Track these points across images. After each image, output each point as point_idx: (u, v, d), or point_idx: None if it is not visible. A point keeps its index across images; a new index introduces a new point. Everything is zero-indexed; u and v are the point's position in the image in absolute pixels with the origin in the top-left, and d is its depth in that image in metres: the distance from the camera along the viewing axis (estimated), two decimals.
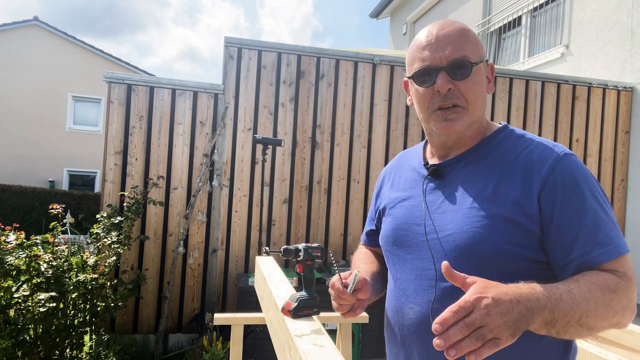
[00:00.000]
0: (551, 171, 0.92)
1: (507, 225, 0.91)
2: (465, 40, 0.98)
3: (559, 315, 0.78)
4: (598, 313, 0.82)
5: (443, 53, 0.97)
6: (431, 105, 1.00)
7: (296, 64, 4.12)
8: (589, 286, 0.83)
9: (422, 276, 1.00)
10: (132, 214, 3.49)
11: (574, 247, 0.89)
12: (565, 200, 0.90)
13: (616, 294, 0.84)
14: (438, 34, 0.99)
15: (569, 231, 0.89)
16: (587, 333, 0.84)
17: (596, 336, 1.91)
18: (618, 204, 4.85)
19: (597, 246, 0.88)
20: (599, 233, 0.89)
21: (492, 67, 1.06)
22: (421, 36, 1.02)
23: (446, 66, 0.96)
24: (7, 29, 14.26)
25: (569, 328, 0.81)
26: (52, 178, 14.39)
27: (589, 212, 0.90)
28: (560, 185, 0.91)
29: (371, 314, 2.31)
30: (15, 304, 2.84)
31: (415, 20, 9.96)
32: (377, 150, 4.28)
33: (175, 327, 3.88)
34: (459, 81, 0.97)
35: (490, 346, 0.71)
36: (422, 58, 0.99)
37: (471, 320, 0.70)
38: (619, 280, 0.86)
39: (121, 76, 3.85)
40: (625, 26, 5.05)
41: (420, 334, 0.98)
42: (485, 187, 0.96)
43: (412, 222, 1.05)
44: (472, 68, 0.97)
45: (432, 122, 1.01)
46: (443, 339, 0.70)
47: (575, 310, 0.79)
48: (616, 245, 0.88)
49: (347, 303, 1.02)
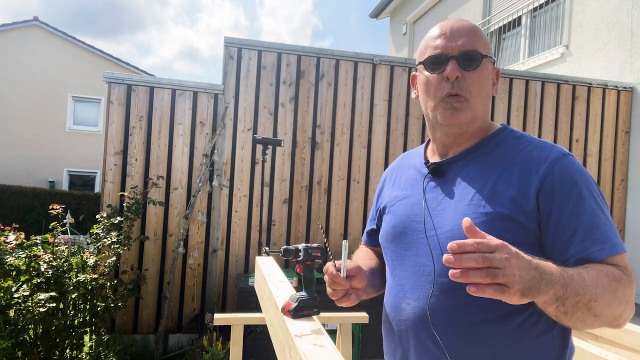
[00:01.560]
0: (550, 170, 0.93)
1: (505, 222, 0.92)
2: (477, 36, 1.02)
3: (570, 293, 0.79)
4: (605, 299, 0.83)
5: (455, 43, 1.00)
6: (439, 95, 1.01)
7: (296, 64, 4.13)
8: (596, 272, 0.85)
9: (420, 272, 1.01)
10: (132, 214, 3.49)
11: (572, 244, 0.90)
12: (563, 198, 0.92)
13: (621, 284, 0.86)
14: (452, 27, 1.02)
15: (567, 228, 0.90)
16: (592, 320, 0.85)
17: (596, 336, 1.91)
18: (618, 204, 4.85)
19: (595, 243, 0.89)
20: (597, 231, 0.90)
21: (497, 71, 1.09)
22: (435, 29, 1.05)
23: (457, 55, 0.99)
24: (7, 29, 14.26)
25: (576, 310, 0.82)
26: (52, 178, 14.39)
27: (587, 211, 0.91)
28: (559, 183, 0.92)
29: (371, 314, 2.31)
30: (15, 304, 2.84)
31: (415, 21, 9.96)
32: (377, 151, 4.28)
33: (175, 327, 3.88)
34: (468, 72, 0.99)
35: (495, 289, 0.71)
36: (435, 46, 1.02)
37: (490, 257, 0.71)
38: (621, 273, 0.88)
39: (121, 76, 3.85)
40: (625, 26, 5.05)
41: (417, 329, 0.99)
42: (484, 185, 0.97)
43: (411, 219, 1.06)
44: (482, 60, 1.00)
45: (439, 110, 1.02)
46: (455, 259, 0.71)
47: (585, 292, 0.81)
48: (613, 244, 0.90)
49: (340, 288, 1.03)
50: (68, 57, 14.76)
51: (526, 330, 0.93)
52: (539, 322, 0.93)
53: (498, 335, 0.92)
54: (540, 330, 0.93)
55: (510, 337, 0.92)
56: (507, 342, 0.92)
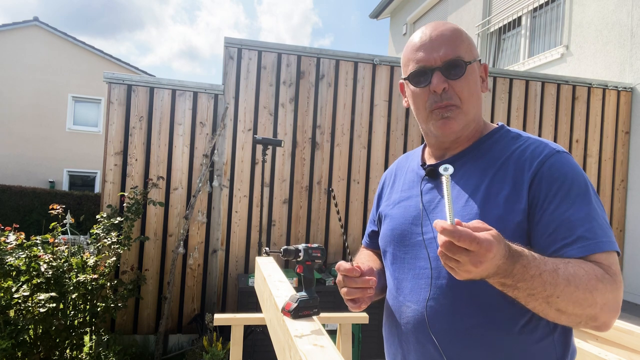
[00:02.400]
0: (541, 165, 0.93)
1: (500, 223, 0.91)
2: (458, 40, 1.00)
3: (522, 286, 0.79)
4: (574, 298, 0.81)
5: (438, 54, 0.98)
6: (428, 106, 1.01)
7: (296, 64, 4.13)
8: (576, 269, 0.82)
9: (420, 275, 1.01)
10: (132, 214, 3.49)
11: (555, 240, 0.89)
12: (550, 193, 0.91)
13: (602, 284, 0.83)
14: (431, 35, 1.00)
15: (551, 223, 0.89)
16: (554, 314, 0.83)
17: (596, 336, 1.91)
18: (618, 204, 4.85)
19: (578, 240, 0.87)
20: (581, 227, 0.88)
21: (485, 67, 1.07)
22: (415, 38, 1.03)
23: (441, 66, 0.98)
24: (7, 29, 14.27)
25: (532, 300, 0.81)
26: (52, 178, 14.39)
27: (573, 206, 0.89)
28: (547, 178, 0.92)
29: (371, 314, 2.31)
30: (15, 305, 2.84)
31: (415, 21, 9.97)
32: (377, 151, 4.28)
33: (175, 327, 3.88)
34: (454, 81, 0.98)
35: (450, 269, 0.76)
36: (417, 59, 1.00)
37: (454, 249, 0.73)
38: (604, 272, 0.85)
39: (121, 77, 3.85)
40: (625, 26, 5.05)
41: (417, 332, 0.99)
42: (479, 186, 0.97)
43: (409, 222, 1.06)
44: (466, 67, 0.99)
45: (431, 121, 1.02)
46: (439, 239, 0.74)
47: (546, 288, 0.80)
48: (598, 241, 0.87)
49: (356, 286, 1.00)
50: (68, 57, 14.77)
51: (526, 334, 0.92)
52: (539, 326, 0.92)
53: (498, 338, 0.92)
54: (541, 333, 0.92)
55: (510, 341, 0.91)
56: (507, 346, 0.92)
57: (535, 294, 0.80)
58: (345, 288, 1.01)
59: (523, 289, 0.80)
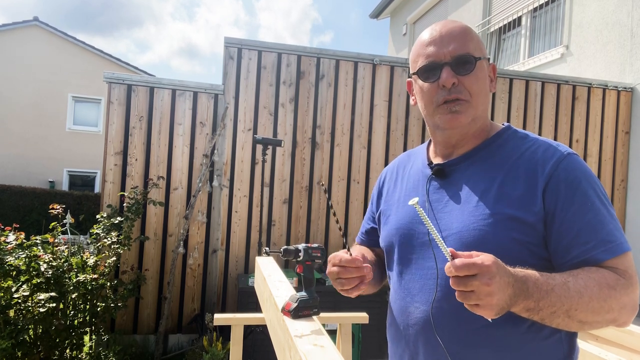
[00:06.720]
0: (555, 169, 0.93)
1: (512, 223, 0.92)
2: (468, 37, 1.00)
3: (544, 305, 0.82)
4: (590, 308, 0.84)
5: (447, 49, 0.99)
6: (436, 100, 1.01)
7: (296, 64, 4.13)
8: (585, 281, 0.85)
9: (427, 275, 1.00)
10: (132, 214, 3.49)
11: (576, 244, 0.89)
12: (568, 197, 0.91)
13: (615, 291, 0.85)
14: (442, 31, 1.01)
15: (571, 228, 0.90)
16: (577, 326, 0.86)
17: (596, 336, 1.91)
18: (618, 204, 4.85)
19: (599, 244, 0.89)
20: (602, 231, 0.89)
21: (494, 67, 1.08)
22: (425, 35, 1.04)
23: (450, 61, 0.98)
24: (7, 29, 14.27)
25: (555, 317, 0.84)
26: (52, 178, 14.38)
27: (592, 210, 0.90)
28: (564, 182, 0.92)
29: (371, 314, 2.31)
30: (15, 305, 2.84)
31: (415, 21, 9.96)
32: (377, 151, 4.28)
33: (175, 327, 3.88)
34: (463, 76, 0.98)
35: (471, 307, 0.78)
36: (427, 54, 1.01)
37: (465, 281, 0.77)
38: (618, 278, 0.87)
39: (121, 76, 3.85)
40: (625, 26, 5.05)
41: (426, 332, 0.98)
42: (490, 186, 0.97)
43: (416, 221, 1.05)
44: (476, 63, 0.99)
45: (438, 115, 1.02)
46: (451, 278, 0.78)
47: (563, 302, 0.82)
48: (618, 243, 0.89)
49: (350, 276, 0.99)
50: (68, 57, 14.77)
51: (534, 332, 0.92)
52: (546, 325, 0.92)
53: (505, 338, 0.92)
54: (548, 330, 0.93)
55: (517, 341, 0.92)
56: (515, 346, 0.92)
57: (556, 310, 0.82)
58: (341, 279, 1.01)
59: (545, 307, 0.82)
